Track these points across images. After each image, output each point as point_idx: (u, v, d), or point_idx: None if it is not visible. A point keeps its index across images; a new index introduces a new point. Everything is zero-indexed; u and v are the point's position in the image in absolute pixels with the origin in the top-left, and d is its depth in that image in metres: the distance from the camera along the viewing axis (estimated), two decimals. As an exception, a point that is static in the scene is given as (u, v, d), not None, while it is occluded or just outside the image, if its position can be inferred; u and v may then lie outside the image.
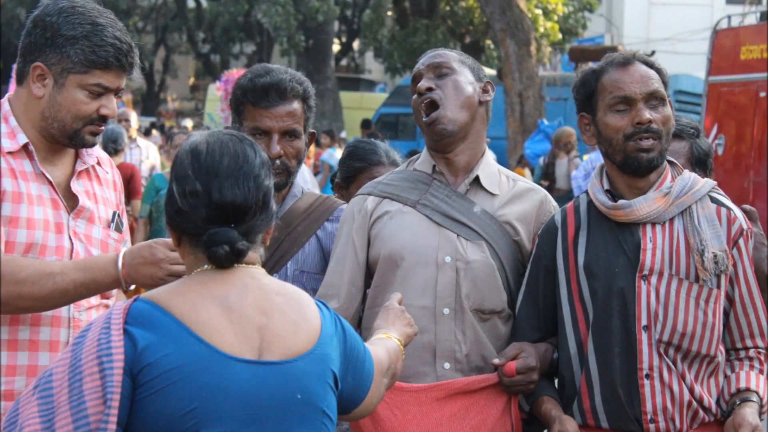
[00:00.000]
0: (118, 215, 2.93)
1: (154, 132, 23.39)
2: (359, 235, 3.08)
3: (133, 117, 11.36)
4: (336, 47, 35.82)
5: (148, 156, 11.12)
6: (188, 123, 20.23)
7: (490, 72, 23.32)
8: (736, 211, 2.92)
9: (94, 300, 2.80)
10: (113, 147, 9.02)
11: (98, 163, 2.93)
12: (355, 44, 37.64)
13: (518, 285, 3.08)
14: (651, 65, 2.90)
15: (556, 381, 3.03)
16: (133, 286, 2.71)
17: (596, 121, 2.91)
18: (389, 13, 30.47)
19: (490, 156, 3.13)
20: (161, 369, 1.98)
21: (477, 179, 3.06)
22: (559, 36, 24.34)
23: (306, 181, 7.85)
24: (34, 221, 2.68)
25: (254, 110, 3.16)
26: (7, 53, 34.53)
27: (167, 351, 1.99)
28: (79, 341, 2.01)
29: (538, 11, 23.37)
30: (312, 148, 14.53)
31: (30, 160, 2.73)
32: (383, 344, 2.50)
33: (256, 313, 2.09)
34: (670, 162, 2.95)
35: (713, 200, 2.90)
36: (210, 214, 2.08)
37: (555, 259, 2.95)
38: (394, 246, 3.01)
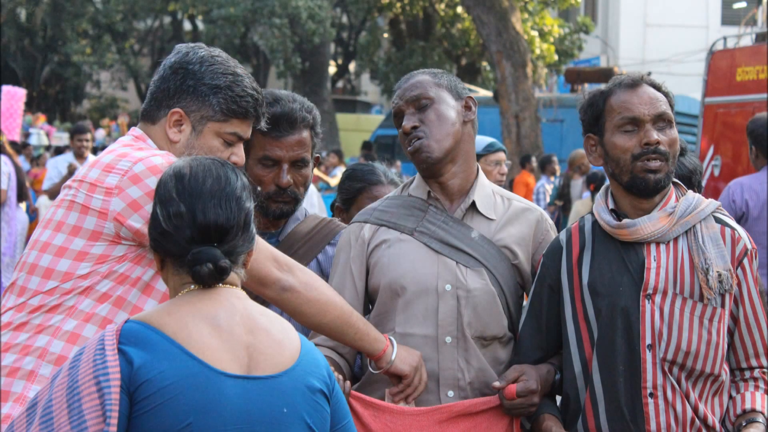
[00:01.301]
0: None
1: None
2: (357, 264, 3.06)
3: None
4: (332, 69, 35.93)
5: None
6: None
7: (486, 93, 23.42)
8: (741, 231, 2.92)
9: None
10: None
11: None
12: (352, 66, 37.77)
13: (518, 309, 3.08)
14: (659, 88, 2.92)
15: (558, 399, 3.03)
16: None
17: (603, 141, 2.93)
18: (385, 35, 30.59)
19: (483, 176, 3.12)
20: (157, 386, 2.02)
21: (473, 204, 3.05)
22: (555, 58, 24.43)
23: (313, 204, 7.86)
24: None
25: (264, 139, 3.15)
26: (6, 53, 34.47)
27: (162, 368, 2.04)
28: (75, 365, 2.05)
29: (534, 33, 23.48)
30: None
31: None
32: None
33: (244, 332, 2.15)
34: (674, 183, 2.96)
35: (717, 220, 2.91)
36: (194, 234, 2.13)
37: (559, 279, 2.96)
38: (394, 275, 2.99)
